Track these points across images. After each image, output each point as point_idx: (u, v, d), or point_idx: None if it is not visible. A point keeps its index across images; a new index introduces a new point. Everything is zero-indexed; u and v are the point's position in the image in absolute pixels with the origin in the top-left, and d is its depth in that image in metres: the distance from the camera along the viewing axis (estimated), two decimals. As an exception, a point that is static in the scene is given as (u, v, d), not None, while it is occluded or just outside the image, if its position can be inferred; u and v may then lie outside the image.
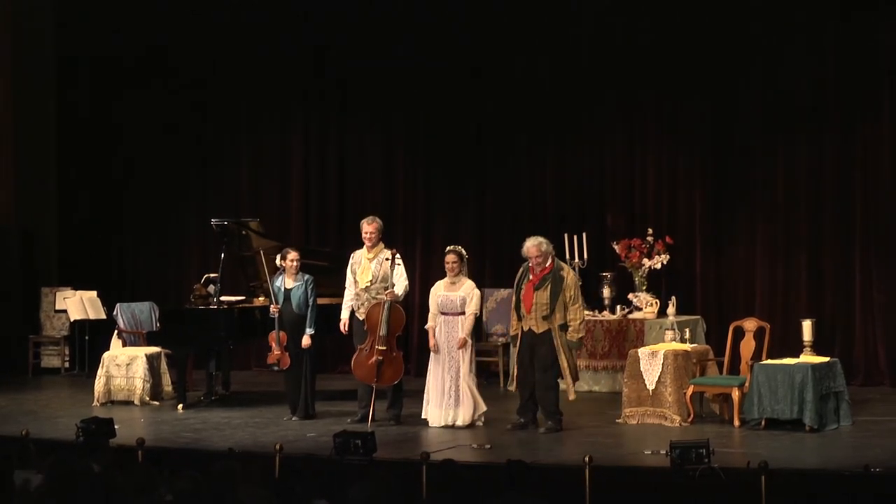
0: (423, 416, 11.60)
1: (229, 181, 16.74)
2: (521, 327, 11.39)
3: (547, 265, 11.37)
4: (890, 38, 13.91)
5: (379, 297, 11.83)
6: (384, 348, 11.71)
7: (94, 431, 9.86)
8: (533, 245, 11.37)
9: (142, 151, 17.03)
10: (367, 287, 11.95)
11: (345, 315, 12.08)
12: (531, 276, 11.38)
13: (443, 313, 11.57)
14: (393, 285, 11.87)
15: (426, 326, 11.80)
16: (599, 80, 15.08)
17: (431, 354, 11.62)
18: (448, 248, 11.78)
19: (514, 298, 11.54)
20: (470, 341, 11.56)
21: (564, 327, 11.28)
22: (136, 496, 6.51)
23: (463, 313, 11.53)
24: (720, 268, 14.66)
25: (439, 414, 11.49)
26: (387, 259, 11.92)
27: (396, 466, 9.17)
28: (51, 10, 16.97)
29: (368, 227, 12.04)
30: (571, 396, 11.41)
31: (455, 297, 11.55)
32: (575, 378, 11.40)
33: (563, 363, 11.29)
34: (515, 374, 11.60)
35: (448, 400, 11.46)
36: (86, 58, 16.96)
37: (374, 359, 11.69)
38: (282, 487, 6.59)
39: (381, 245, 12.09)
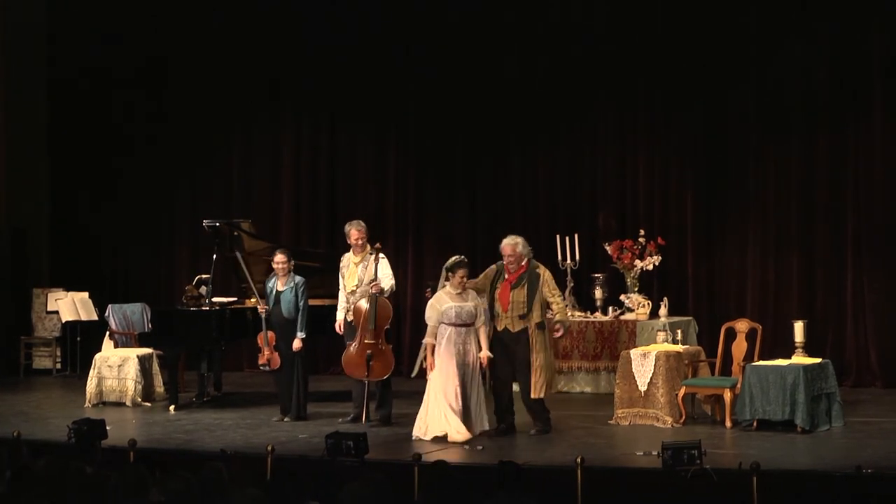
0: (414, 434, 10.88)
1: (221, 182, 16.71)
2: (496, 326, 11.23)
3: (522, 264, 11.29)
4: (881, 39, 13.94)
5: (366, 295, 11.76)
6: (373, 341, 11.64)
7: (86, 433, 9.84)
8: (509, 244, 11.25)
9: (133, 152, 16.99)
10: (353, 291, 11.87)
11: (340, 316, 12.01)
12: (507, 275, 11.28)
13: (457, 325, 10.99)
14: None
15: (425, 341, 11.25)
16: (591, 80, 15.08)
17: (438, 366, 10.96)
18: (457, 259, 11.18)
19: (487, 298, 11.26)
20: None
21: (542, 326, 11.16)
22: (127, 497, 6.50)
23: (472, 323, 11.10)
24: (712, 269, 14.67)
25: (444, 424, 10.80)
26: (367, 255, 11.86)
27: (388, 468, 9.15)
28: (44, 11, 16.94)
29: (357, 233, 11.90)
30: (534, 394, 11.11)
31: (470, 307, 11.05)
32: (550, 378, 11.15)
33: (536, 361, 11.11)
34: (489, 374, 11.53)
35: (457, 412, 10.84)
36: (78, 58, 16.91)
37: (363, 353, 11.63)
38: (273, 489, 6.59)
39: (368, 246, 12.01)
